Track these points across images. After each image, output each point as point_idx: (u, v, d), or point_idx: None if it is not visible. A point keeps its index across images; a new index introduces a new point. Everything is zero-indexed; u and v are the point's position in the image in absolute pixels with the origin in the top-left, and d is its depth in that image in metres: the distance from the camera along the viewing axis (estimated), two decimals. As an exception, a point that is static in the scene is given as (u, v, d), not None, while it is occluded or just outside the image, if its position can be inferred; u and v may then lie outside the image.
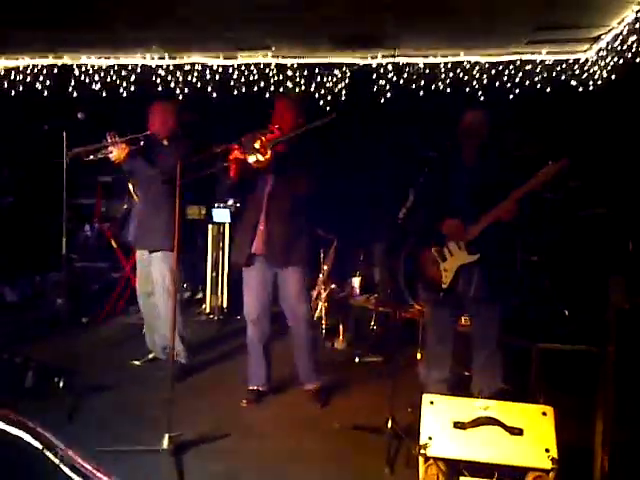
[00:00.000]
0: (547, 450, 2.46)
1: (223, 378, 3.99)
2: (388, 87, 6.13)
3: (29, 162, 4.23)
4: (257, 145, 3.17)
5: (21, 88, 6.21)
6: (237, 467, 2.85)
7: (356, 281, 4.95)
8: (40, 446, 2.93)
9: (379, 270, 4.90)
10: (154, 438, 2.90)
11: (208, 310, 5.50)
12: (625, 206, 4.41)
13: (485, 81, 6.07)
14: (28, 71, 6.28)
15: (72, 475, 2.72)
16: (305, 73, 6.28)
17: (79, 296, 5.15)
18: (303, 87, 6.27)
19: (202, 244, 5.54)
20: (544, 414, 2.57)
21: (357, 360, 4.36)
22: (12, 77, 6.25)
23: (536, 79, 5.96)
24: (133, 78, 6.28)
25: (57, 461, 2.83)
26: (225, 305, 5.48)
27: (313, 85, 6.25)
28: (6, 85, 6.22)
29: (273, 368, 3.68)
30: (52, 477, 2.75)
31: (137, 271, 4.07)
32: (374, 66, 6.19)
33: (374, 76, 6.17)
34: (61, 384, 3.54)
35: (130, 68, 6.27)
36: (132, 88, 6.27)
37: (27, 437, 3.03)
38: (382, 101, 6.13)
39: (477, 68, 6.10)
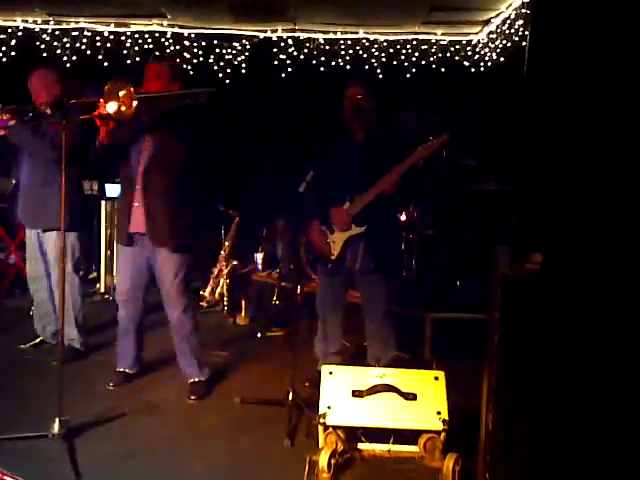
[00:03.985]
0: (438, 413, 2.59)
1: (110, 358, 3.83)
2: (288, 62, 6.09)
3: None
4: (121, 93, 2.74)
5: None
6: (132, 449, 2.75)
7: (259, 257, 4.93)
8: None
9: (281, 245, 4.90)
10: (44, 424, 2.75)
11: (103, 290, 5.28)
12: (511, 181, 4.69)
13: (383, 59, 6.18)
14: None
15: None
16: (203, 44, 6.10)
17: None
18: (201, 58, 6.09)
19: (95, 221, 5.28)
20: (436, 379, 2.70)
21: (259, 335, 4.37)
22: None
23: (431, 59, 6.15)
24: (14, 42, 5.82)
25: None
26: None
27: (212, 57, 6.08)
28: None
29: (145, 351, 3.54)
30: None
31: (27, 252, 3.80)
32: (274, 39, 6.13)
33: (274, 50, 6.11)
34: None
35: (10, 31, 5.80)
36: (12, 53, 5.82)
37: None
38: (282, 75, 6.09)
39: (375, 46, 6.20)
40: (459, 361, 3.45)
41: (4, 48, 5.75)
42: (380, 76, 6.14)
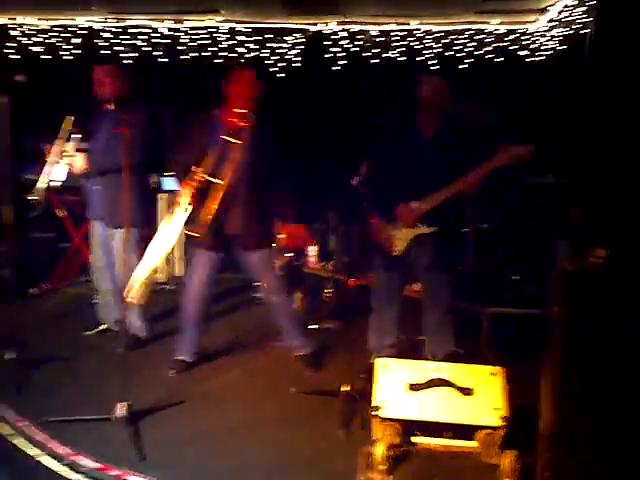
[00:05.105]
0: (497, 408, 2.56)
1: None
2: (341, 54, 6.08)
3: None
4: None
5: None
6: (191, 435, 2.85)
7: (312, 249, 4.96)
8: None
9: (334, 237, 4.93)
10: (108, 407, 2.86)
11: (162, 279, 5.42)
12: (571, 174, 4.56)
13: (437, 50, 6.10)
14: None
15: (26, 445, 2.71)
16: (257, 38, 6.15)
17: (25, 267, 4.98)
18: (255, 53, 6.15)
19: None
20: (493, 374, 2.67)
21: (312, 327, 4.41)
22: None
23: (486, 49, 6.03)
24: (76, 40, 6.01)
25: (9, 432, 2.80)
26: (178, 274, 5.42)
27: (265, 51, 6.13)
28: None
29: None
30: (3, 450, 2.72)
31: (93, 243, 3.94)
32: (326, 32, 6.12)
33: (327, 43, 6.11)
34: (9, 356, 3.44)
35: (72, 30, 5.99)
36: (75, 51, 6.01)
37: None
38: (335, 68, 6.09)
39: (429, 37, 6.11)
40: (515, 357, 3.39)
41: (66, 46, 5.94)
42: (433, 67, 6.06)
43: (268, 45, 6.09)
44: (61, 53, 5.92)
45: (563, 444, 2.02)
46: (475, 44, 6.02)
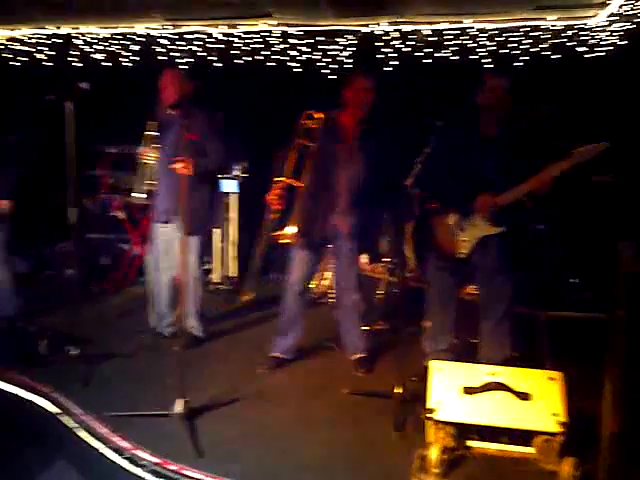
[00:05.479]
0: (555, 414, 2.50)
1: (234, 346, 4.05)
2: (393, 54, 6.05)
3: (36, 132, 4.22)
4: None
5: (23, 58, 6.17)
6: (246, 432, 2.90)
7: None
8: (55, 410, 3.01)
9: (387, 239, 4.90)
10: (167, 403, 2.94)
11: (217, 280, 5.53)
12: (634, 173, 4.40)
13: (492, 48, 5.99)
14: (30, 41, 6.22)
15: (89, 438, 2.81)
16: (309, 41, 6.20)
17: (88, 267, 5.18)
18: (307, 55, 6.20)
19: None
20: (552, 379, 2.61)
21: (364, 328, 4.40)
22: (14, 47, 6.19)
23: (543, 46, 5.88)
24: (135, 47, 6.21)
25: (74, 425, 2.91)
26: (233, 275, 5.51)
27: (317, 53, 6.17)
28: (8, 55, 6.17)
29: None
30: (67, 440, 2.84)
31: (155, 245, 4.01)
32: (378, 33, 6.11)
33: (379, 44, 6.09)
34: (73, 352, 3.59)
35: (132, 37, 6.19)
36: (134, 58, 6.21)
37: (42, 402, 3.10)
38: (387, 69, 6.07)
39: (483, 35, 6.01)
40: (573, 362, 3.30)
41: (125, 54, 6.15)
42: (488, 65, 5.96)
43: (320, 47, 6.12)
44: (121, 59, 6.14)
45: (625, 451, 1.96)
46: (531, 41, 5.88)
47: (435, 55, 6.05)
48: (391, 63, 6.05)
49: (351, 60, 6.12)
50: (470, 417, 2.58)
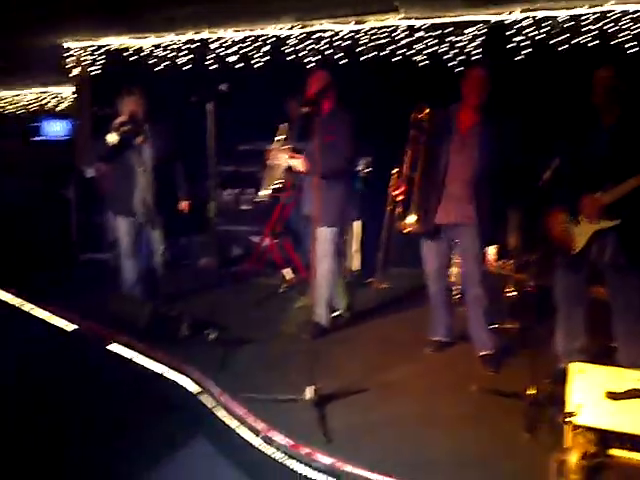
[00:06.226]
0: None
1: (361, 336, 4.11)
2: (525, 43, 5.80)
3: (177, 133, 4.56)
4: None
5: (165, 63, 6.66)
6: (375, 422, 2.94)
7: (491, 247, 4.82)
8: (196, 390, 3.24)
9: (515, 236, 4.73)
10: (297, 389, 3.06)
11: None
12: None
13: (635, 32, 5.55)
14: (170, 47, 6.70)
15: (226, 417, 2.99)
16: (435, 33, 6.11)
17: (222, 257, 5.49)
18: (433, 48, 6.12)
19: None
20: None
21: (492, 327, 4.28)
22: (157, 54, 6.71)
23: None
24: (265, 49, 6.47)
25: (212, 404, 3.12)
26: (356, 269, 5.58)
27: (444, 46, 6.07)
28: (152, 61, 6.69)
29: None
30: (205, 418, 3.04)
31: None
32: (509, 22, 5.89)
33: (509, 32, 5.87)
34: (212, 336, 3.84)
35: (262, 38, 6.46)
36: (265, 58, 6.47)
37: (183, 381, 3.35)
38: (518, 59, 5.83)
39: (625, 18, 5.59)
40: None
41: (257, 55, 6.43)
42: (632, 51, 5.53)
43: (447, 40, 6.02)
44: (252, 62, 6.43)
45: None
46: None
47: (572, 42, 5.72)
48: (523, 52, 5.81)
49: (479, 51, 5.95)
50: (613, 424, 2.43)
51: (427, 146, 3.53)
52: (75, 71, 7.20)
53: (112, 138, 4.12)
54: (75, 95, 7.79)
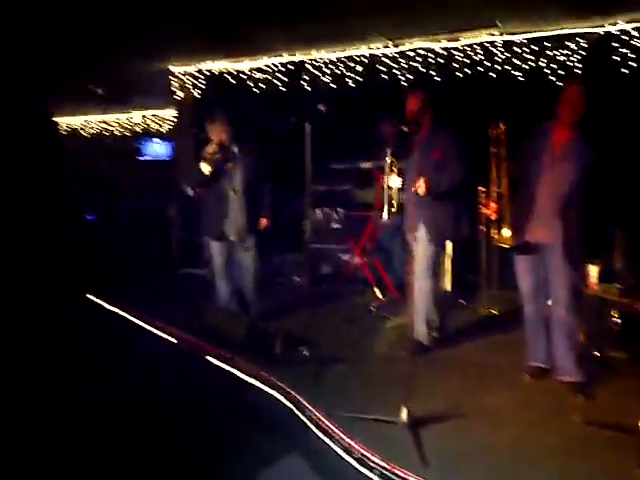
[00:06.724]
0: None
1: (456, 359, 4.03)
2: (632, 55, 5.52)
3: (276, 153, 4.72)
4: None
5: (262, 86, 6.89)
6: (472, 448, 2.86)
7: (593, 269, 4.58)
8: (290, 406, 3.28)
9: (621, 257, 4.47)
10: (391, 409, 3.03)
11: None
12: None
13: None
14: (267, 69, 6.94)
15: (320, 434, 3.01)
16: (534, 48, 5.94)
17: (314, 275, 5.57)
18: (532, 63, 5.95)
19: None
20: None
21: (595, 354, 4.06)
22: (254, 76, 6.96)
23: None
24: (359, 69, 6.54)
25: (306, 420, 3.15)
26: (446, 289, 5.47)
27: (543, 60, 5.88)
28: (250, 84, 6.95)
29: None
30: (299, 434, 3.07)
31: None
32: (615, 33, 5.62)
33: (615, 45, 5.60)
34: (305, 353, 3.89)
35: (357, 59, 6.54)
36: (358, 79, 6.54)
37: (278, 396, 3.40)
38: (625, 71, 5.54)
39: None
40: None
41: (352, 75, 6.52)
42: None
43: (546, 54, 5.84)
44: (345, 82, 6.53)
45: None
46: None
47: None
48: (630, 64, 5.52)
49: (581, 65, 5.72)
50: None
51: (515, 162, 3.47)
52: (178, 94, 7.60)
53: (206, 169, 4.33)
54: (177, 117, 8.23)
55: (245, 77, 7.04)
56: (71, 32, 5.85)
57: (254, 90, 6.95)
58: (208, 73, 7.38)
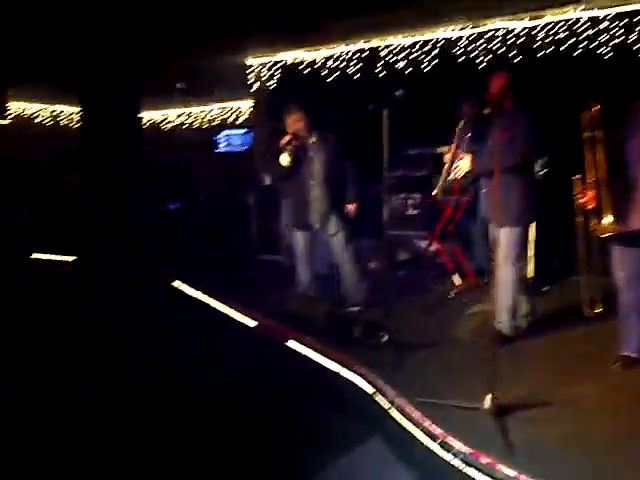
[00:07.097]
0: None
1: (542, 347, 3.92)
2: None
3: (345, 140, 4.72)
4: None
5: (336, 74, 6.90)
6: (557, 440, 2.76)
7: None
8: (372, 390, 3.29)
9: None
10: (474, 396, 2.99)
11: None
12: None
13: None
14: (341, 57, 6.94)
15: (402, 420, 3.00)
16: (622, 23, 5.62)
17: (391, 261, 5.55)
18: (619, 39, 5.64)
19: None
20: None
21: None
22: (329, 65, 6.98)
23: None
24: (434, 53, 6.42)
25: (388, 406, 3.15)
26: (530, 275, 5.31)
27: (633, 35, 5.56)
28: (325, 73, 6.97)
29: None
30: (381, 420, 3.07)
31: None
32: None
33: None
34: (385, 338, 3.89)
35: (432, 42, 6.42)
36: (433, 62, 6.43)
37: (360, 381, 3.41)
38: None
39: None
40: None
41: (427, 59, 6.41)
42: None
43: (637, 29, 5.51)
44: (422, 66, 6.43)
45: None
46: None
47: None
48: None
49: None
50: None
51: (610, 144, 3.27)
52: (255, 86, 7.74)
53: (285, 160, 4.40)
54: (253, 108, 8.38)
55: (321, 65, 7.07)
56: (154, 31, 6.09)
57: (330, 78, 6.97)
58: (284, 63, 7.47)
